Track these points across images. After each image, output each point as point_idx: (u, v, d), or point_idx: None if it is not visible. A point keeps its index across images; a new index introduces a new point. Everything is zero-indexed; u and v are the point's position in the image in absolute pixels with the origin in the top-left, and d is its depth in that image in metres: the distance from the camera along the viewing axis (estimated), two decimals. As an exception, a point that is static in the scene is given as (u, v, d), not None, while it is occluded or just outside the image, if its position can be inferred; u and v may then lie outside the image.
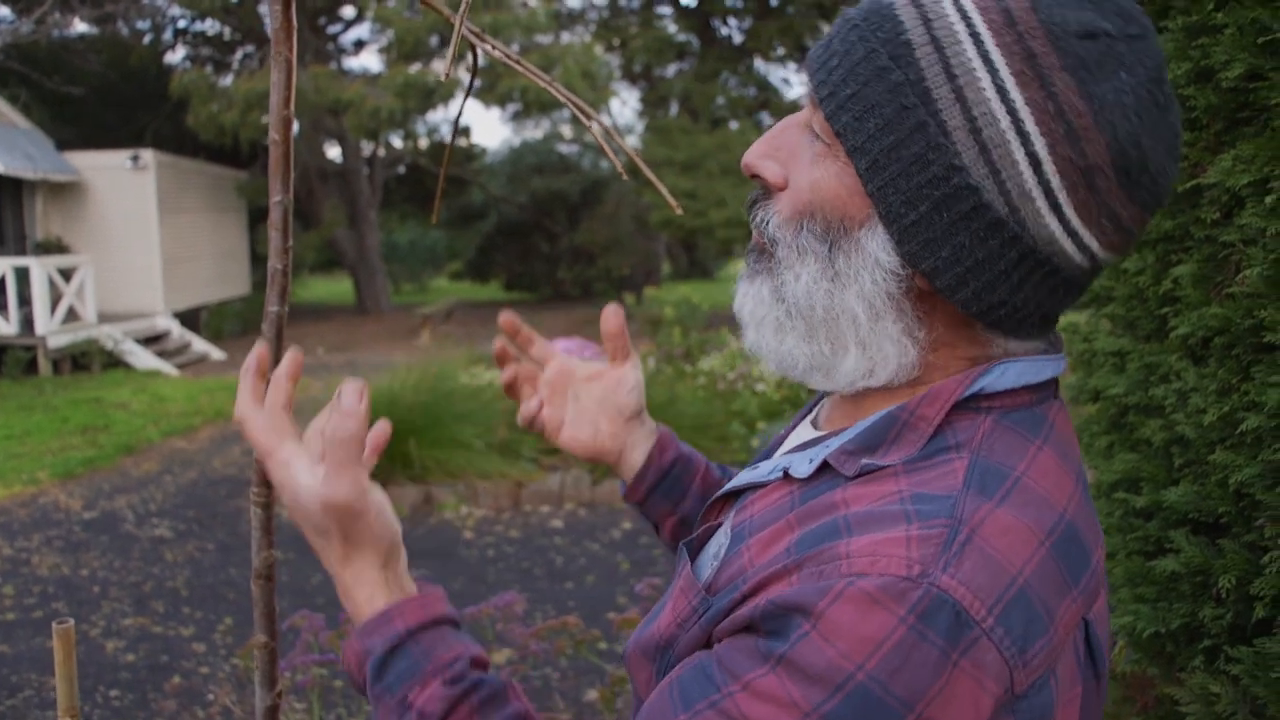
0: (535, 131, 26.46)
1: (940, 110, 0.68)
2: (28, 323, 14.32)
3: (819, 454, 0.77)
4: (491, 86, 18.72)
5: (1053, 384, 0.79)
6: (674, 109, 23.58)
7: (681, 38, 24.01)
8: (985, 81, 0.68)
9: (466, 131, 25.01)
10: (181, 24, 23.23)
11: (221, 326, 19.27)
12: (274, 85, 1.05)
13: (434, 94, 18.22)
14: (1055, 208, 0.69)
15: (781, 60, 24.78)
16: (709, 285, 28.51)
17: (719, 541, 0.81)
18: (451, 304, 20.89)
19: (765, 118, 24.53)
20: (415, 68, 18.72)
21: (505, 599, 2.69)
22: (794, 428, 0.94)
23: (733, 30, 25.10)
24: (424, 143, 23.21)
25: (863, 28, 0.73)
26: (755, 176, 0.81)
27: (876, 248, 0.73)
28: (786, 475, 0.79)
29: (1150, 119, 0.68)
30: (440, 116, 22.36)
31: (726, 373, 8.72)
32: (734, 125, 22.07)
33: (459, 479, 7.37)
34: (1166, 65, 0.70)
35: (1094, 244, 0.72)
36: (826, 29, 14.04)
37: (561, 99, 1.02)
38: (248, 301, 20.87)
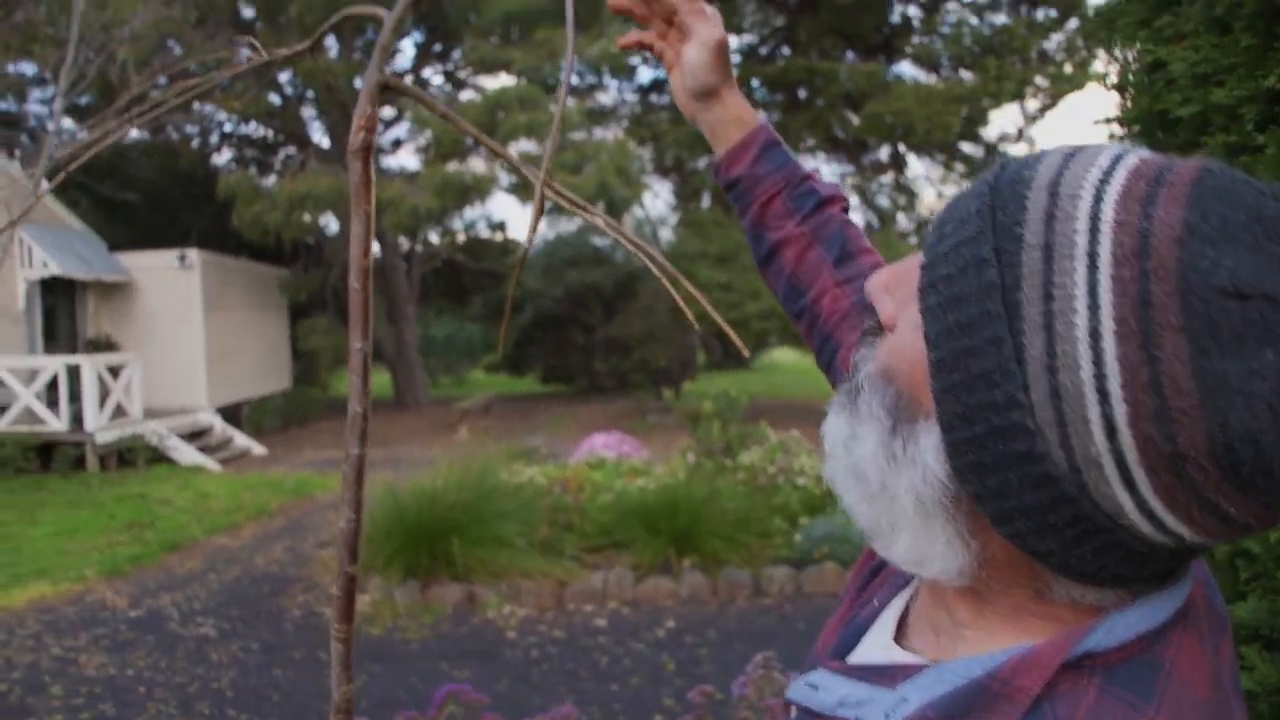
0: (570, 225, 26.84)
1: (1023, 332, 0.58)
2: (77, 420, 14.59)
3: (896, 711, 0.67)
4: (527, 184, 19.08)
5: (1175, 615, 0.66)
6: (706, 201, 23.89)
7: (714, 132, 24.47)
8: (1081, 317, 0.56)
9: (502, 226, 25.44)
10: (227, 128, 23.96)
11: (262, 421, 19.47)
12: (354, 237, 1.08)
13: (470, 191, 18.58)
14: (1129, 483, 0.57)
15: (811, 151, 25.12)
16: (746, 375, 28.54)
17: None
18: (490, 398, 21.05)
19: (797, 208, 24.84)
20: (453, 166, 19.13)
21: (562, 712, 2.68)
22: (880, 609, 0.84)
23: (763, 123, 25.54)
24: (461, 238, 23.58)
25: (989, 198, 0.63)
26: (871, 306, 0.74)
27: (929, 449, 0.64)
28: None
29: None
30: (477, 213, 22.76)
31: (767, 467, 8.70)
32: (767, 217, 22.35)
33: (502, 578, 7.35)
34: None
35: (1183, 530, 0.59)
36: (855, 120, 14.15)
37: (623, 241, 1.05)
38: (288, 396, 21.12)
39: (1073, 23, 22.02)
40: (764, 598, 7.40)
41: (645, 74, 25.42)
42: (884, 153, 24.84)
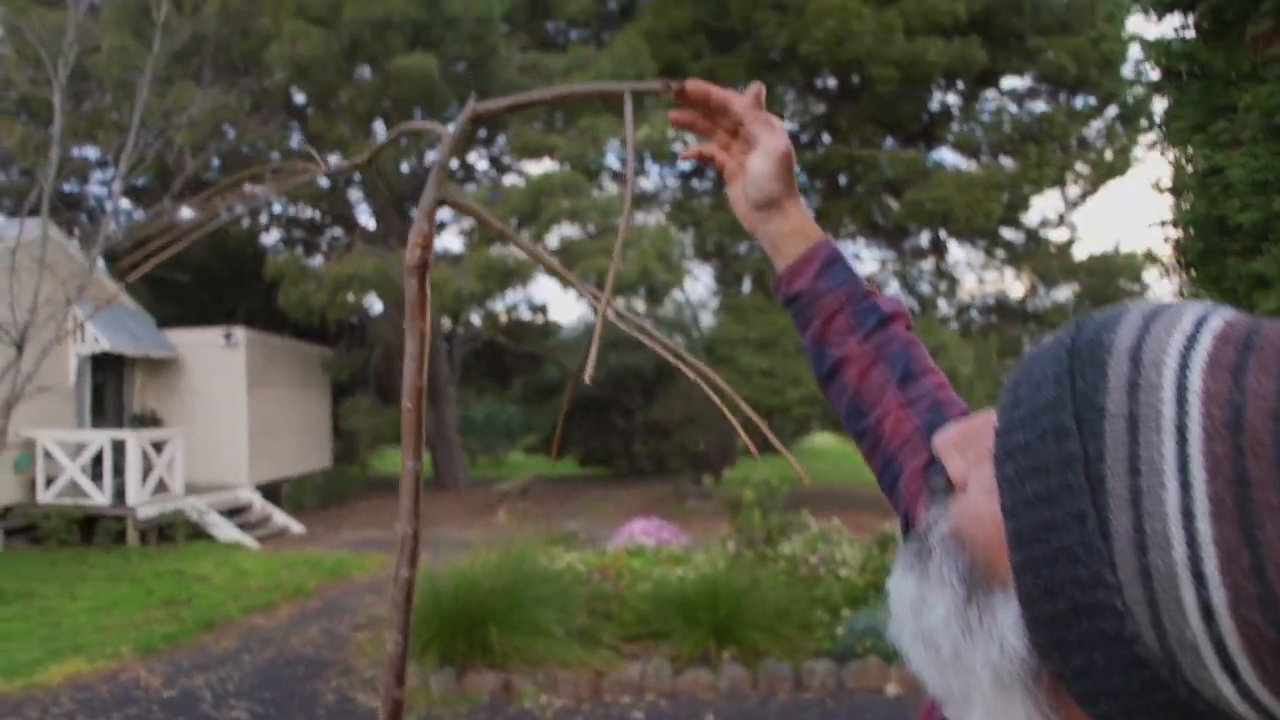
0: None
1: (1109, 507, 0.55)
2: (119, 494, 14.76)
3: None
4: (570, 268, 19.27)
5: None
6: (747, 286, 23.96)
7: (754, 216, 24.56)
8: (1171, 495, 0.53)
9: (544, 309, 25.64)
10: (276, 208, 24.45)
11: (302, 499, 19.54)
12: (408, 356, 1.07)
13: (513, 274, 18.77)
14: (1229, 670, 0.53)
15: (851, 236, 25.20)
16: (786, 461, 28.31)
17: None
18: (529, 480, 21.01)
19: (837, 292, 24.80)
20: (495, 249, 19.37)
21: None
22: None
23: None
24: (502, 319, 23.77)
25: (1067, 361, 0.60)
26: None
27: (1007, 622, 0.61)
28: None
29: None
30: (519, 295, 22.95)
31: (808, 556, 8.57)
32: (807, 301, 22.36)
33: (539, 667, 7.24)
34: None
35: None
36: (896, 206, 14.20)
37: (679, 364, 1.04)
38: (328, 474, 21.21)
39: (1111, 110, 22.11)
40: (805, 692, 7.23)
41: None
42: (924, 238, 24.87)
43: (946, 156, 24.48)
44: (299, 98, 21.09)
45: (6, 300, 11.51)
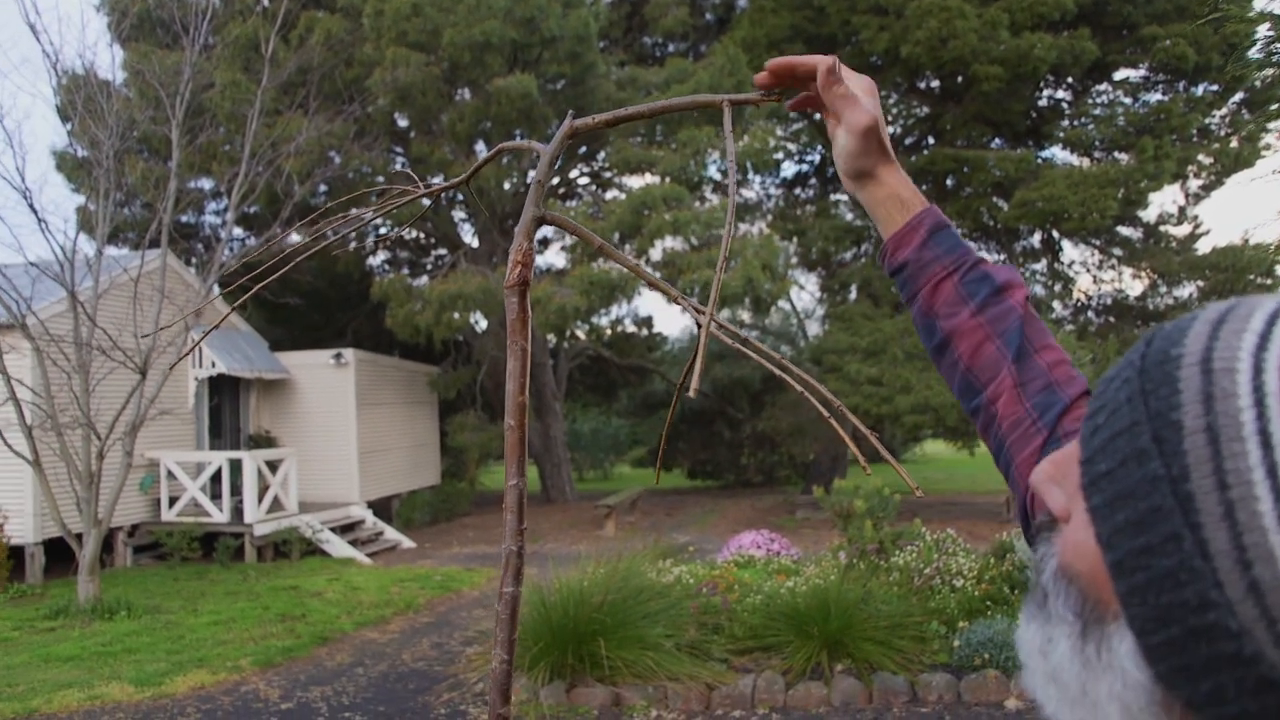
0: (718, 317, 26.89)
1: (1203, 525, 0.52)
2: (238, 512, 15.21)
3: None
4: (673, 280, 19.29)
5: None
6: (854, 294, 23.60)
7: (858, 223, 24.21)
8: (1266, 505, 0.50)
9: (649, 322, 25.65)
10: (382, 230, 24.96)
11: (412, 516, 19.87)
12: (510, 374, 1.05)
13: (616, 290, 18.81)
14: None
15: (961, 238, 24.58)
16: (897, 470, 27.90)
17: None
18: (636, 494, 21.00)
19: (946, 298, 24.24)
20: (599, 264, 19.47)
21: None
22: None
23: (909, 213, 25.20)
24: (607, 334, 23.88)
25: (1137, 383, 0.58)
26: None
27: (1125, 654, 0.58)
28: None
29: None
30: (624, 310, 22.99)
31: (923, 568, 8.35)
32: (915, 308, 21.91)
33: (648, 680, 7.16)
34: None
35: None
36: (1005, 207, 13.73)
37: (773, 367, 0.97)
38: (437, 491, 21.54)
39: (1237, 96, 21.15)
40: (921, 706, 7.01)
41: (789, 168, 25.48)
42: (1037, 239, 24.17)
43: (1057, 154, 23.75)
44: (402, 122, 21.52)
45: (130, 328, 11.95)
